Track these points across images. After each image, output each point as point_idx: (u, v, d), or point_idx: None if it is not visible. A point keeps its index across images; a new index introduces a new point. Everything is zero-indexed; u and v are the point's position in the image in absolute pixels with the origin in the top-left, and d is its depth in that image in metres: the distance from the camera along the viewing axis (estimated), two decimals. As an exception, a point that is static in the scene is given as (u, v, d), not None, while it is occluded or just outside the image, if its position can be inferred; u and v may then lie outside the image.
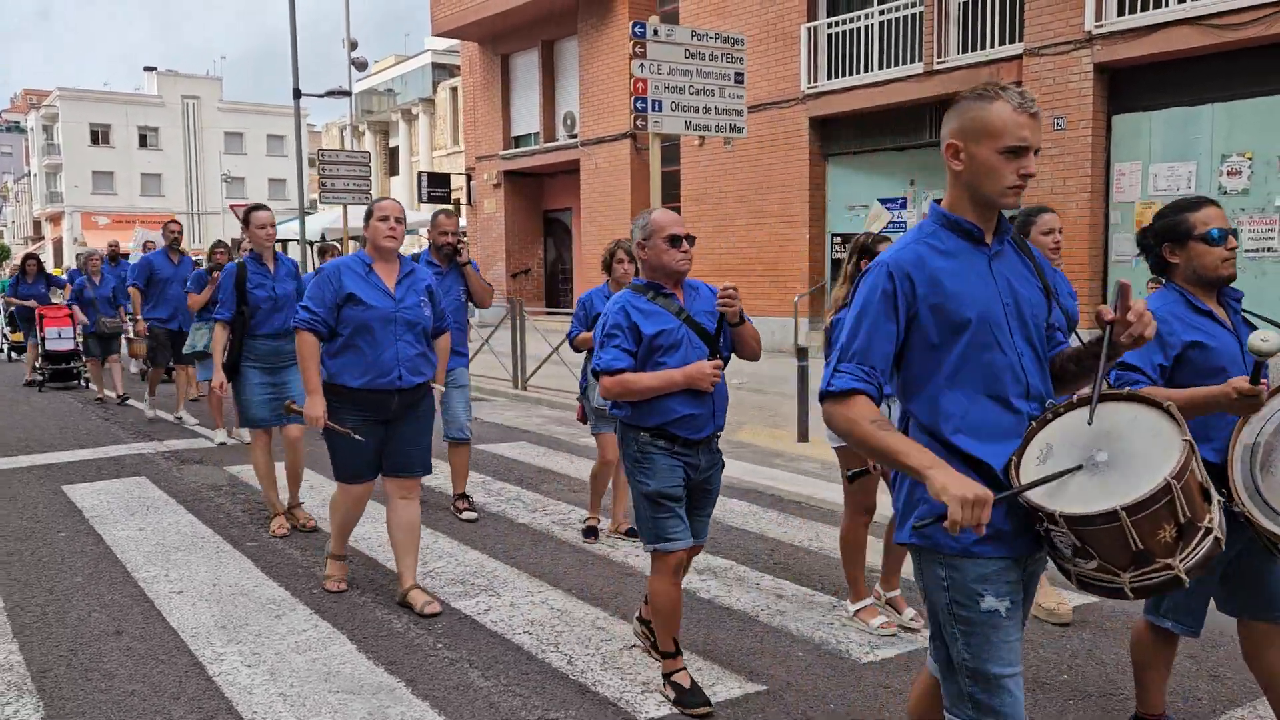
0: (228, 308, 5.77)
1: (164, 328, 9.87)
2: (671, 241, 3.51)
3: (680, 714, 3.46)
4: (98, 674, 3.85)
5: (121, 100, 57.26)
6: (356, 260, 4.47)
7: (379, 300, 4.36)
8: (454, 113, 34.61)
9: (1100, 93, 12.16)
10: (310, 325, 4.37)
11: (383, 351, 4.32)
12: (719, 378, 3.45)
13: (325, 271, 4.40)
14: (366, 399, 4.35)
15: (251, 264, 5.89)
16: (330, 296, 4.34)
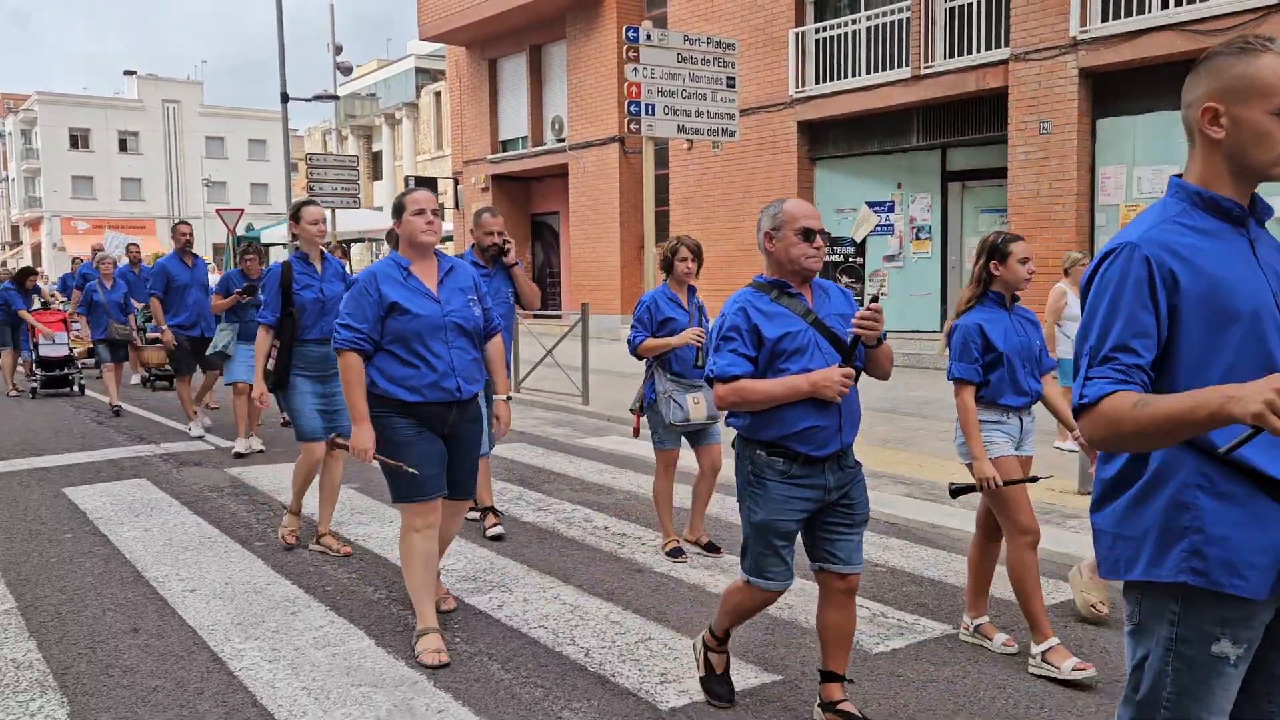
0: (272, 310, 5.36)
1: (186, 335, 9.35)
2: (804, 235, 3.15)
3: (703, 703, 3.53)
4: (119, 670, 3.88)
5: (101, 104, 56.89)
6: (391, 265, 4.01)
7: (424, 306, 3.92)
8: (438, 117, 34.62)
9: (1085, 97, 12.35)
10: (354, 344, 3.91)
11: (437, 361, 3.92)
12: (849, 388, 3.08)
13: (361, 282, 3.96)
14: (423, 413, 3.94)
15: (297, 263, 5.50)
16: (371, 310, 3.90)
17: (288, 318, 5.36)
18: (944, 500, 6.65)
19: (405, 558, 4.03)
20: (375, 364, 3.95)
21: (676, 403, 5.06)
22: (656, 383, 5.16)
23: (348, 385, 3.92)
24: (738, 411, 3.20)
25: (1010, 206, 12.98)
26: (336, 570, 5.15)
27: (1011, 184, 12.95)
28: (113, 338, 10.99)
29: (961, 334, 3.93)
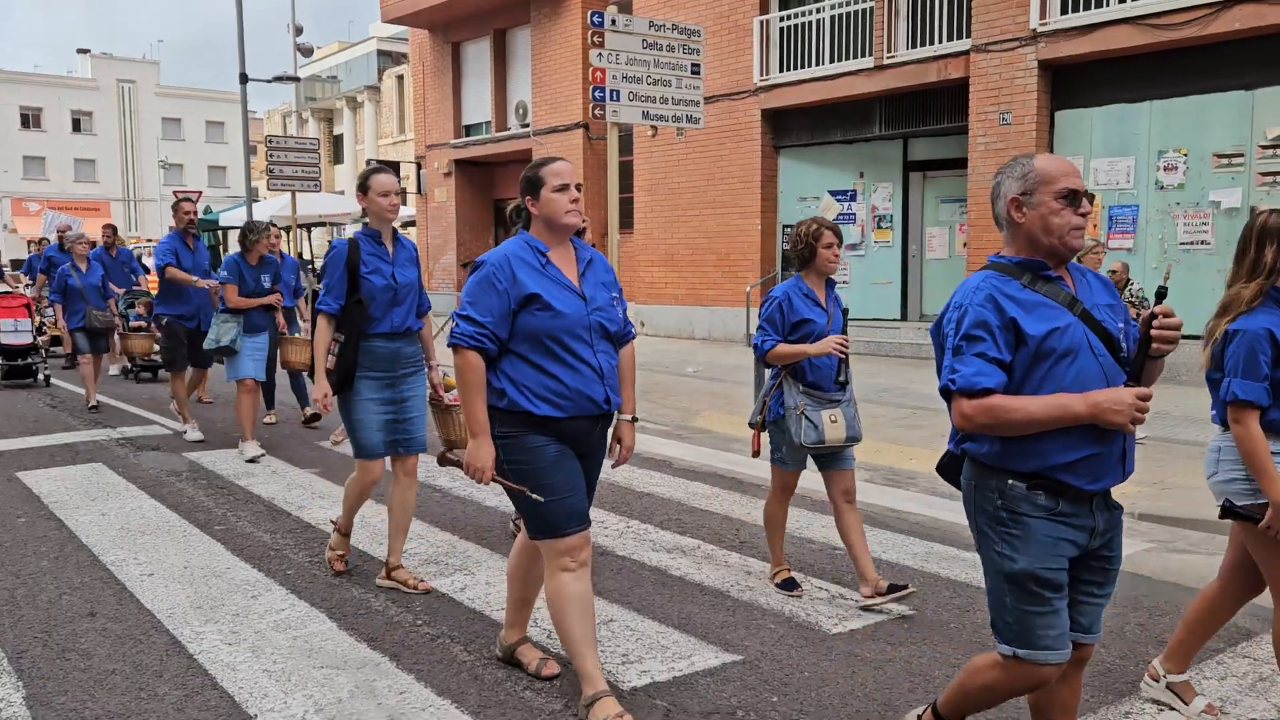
0: (336, 297, 4.46)
1: (184, 325, 8.25)
2: (1069, 199, 2.46)
3: (665, 683, 3.57)
4: (76, 654, 3.85)
5: (54, 83, 55.60)
6: (524, 247, 3.26)
7: (568, 302, 3.21)
8: (400, 101, 34.30)
9: (1044, 89, 12.51)
10: (477, 341, 3.15)
11: (581, 367, 3.21)
12: (1145, 412, 2.37)
13: (489, 266, 3.21)
14: (564, 430, 3.23)
15: (366, 243, 4.55)
16: (500, 301, 3.16)
17: (355, 306, 4.44)
18: (903, 484, 6.75)
19: (556, 605, 3.25)
20: (501, 370, 3.22)
21: (810, 421, 4.26)
22: (786, 396, 4.35)
23: (466, 389, 3.18)
24: (980, 436, 2.50)
25: (970, 196, 13.14)
26: (298, 554, 5.13)
27: (971, 174, 13.10)
28: (92, 325, 9.95)
29: (1247, 343, 3.01)
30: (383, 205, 4.51)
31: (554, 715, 3.31)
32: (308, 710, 3.35)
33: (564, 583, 3.22)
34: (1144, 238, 11.88)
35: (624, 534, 5.49)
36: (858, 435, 4.39)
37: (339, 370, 4.44)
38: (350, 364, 4.44)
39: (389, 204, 4.52)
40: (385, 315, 4.52)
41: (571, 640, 3.24)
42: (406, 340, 4.60)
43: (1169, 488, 6.46)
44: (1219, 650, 3.89)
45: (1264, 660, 3.80)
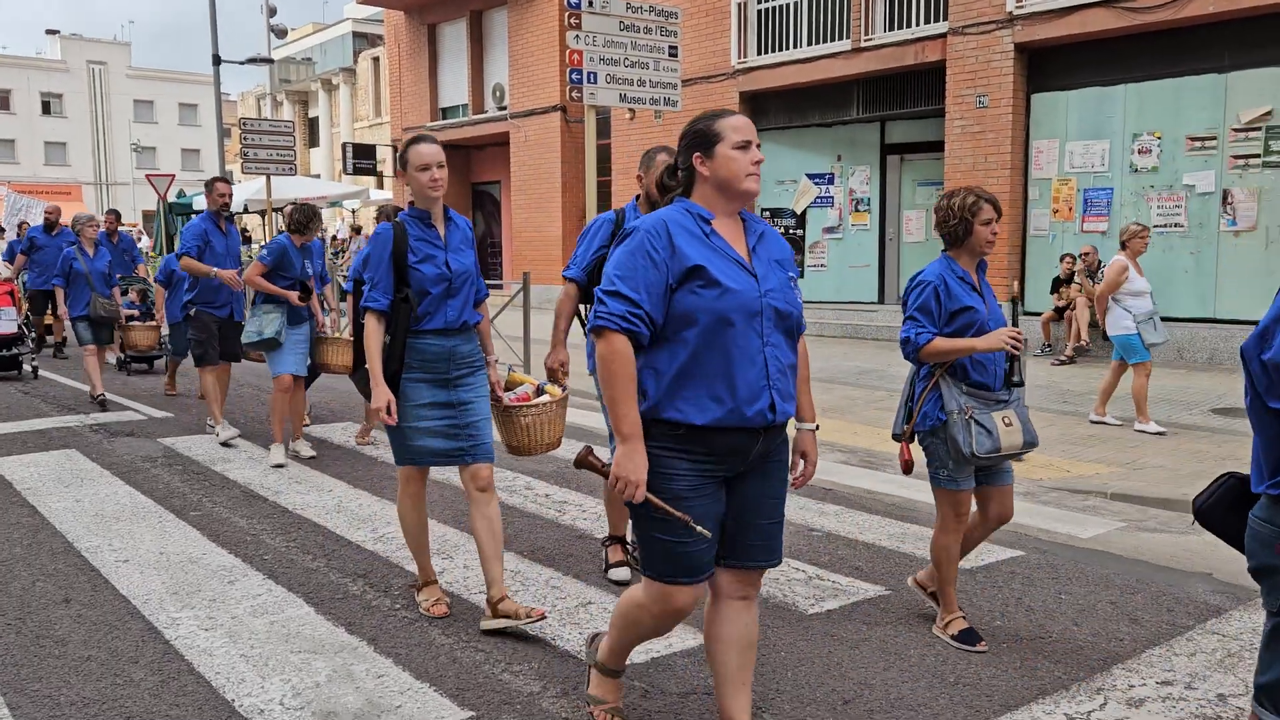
0: (384, 290, 3.84)
1: (215, 315, 7.45)
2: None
3: (642, 664, 3.59)
4: (50, 641, 3.82)
5: (23, 64, 54.71)
6: (682, 213, 2.66)
7: (738, 278, 2.60)
8: (376, 83, 34.00)
9: (1020, 72, 12.56)
10: (629, 323, 2.54)
11: (746, 365, 2.58)
12: None
13: (641, 232, 2.60)
14: (719, 444, 2.61)
15: (414, 226, 3.92)
16: (658, 275, 2.56)
17: (403, 302, 3.85)
18: (879, 466, 6.80)
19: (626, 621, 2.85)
20: (647, 362, 2.61)
21: (982, 426, 3.63)
22: (945, 398, 3.69)
23: (612, 383, 2.53)
24: None
25: (947, 179, 13.18)
26: (275, 540, 5.11)
27: (948, 157, 13.15)
28: (96, 314, 9.21)
29: None
30: (423, 181, 3.82)
31: (532, 697, 3.33)
32: (285, 695, 3.34)
33: (644, 625, 2.81)
34: (1118, 221, 11.97)
35: (603, 517, 5.50)
36: (1035, 440, 3.77)
37: (386, 374, 3.84)
38: (396, 365, 3.85)
39: (430, 179, 3.81)
40: (439, 309, 3.90)
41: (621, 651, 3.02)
42: (463, 337, 3.97)
43: (1139, 468, 6.54)
44: (1189, 627, 3.96)
45: (1233, 636, 3.86)
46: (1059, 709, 3.26)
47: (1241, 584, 4.43)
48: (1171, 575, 4.57)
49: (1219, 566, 4.68)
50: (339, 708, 3.25)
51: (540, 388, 4.35)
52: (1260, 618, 4.02)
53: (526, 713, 3.22)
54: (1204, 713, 3.22)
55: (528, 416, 4.19)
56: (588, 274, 4.29)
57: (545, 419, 4.23)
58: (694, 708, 3.25)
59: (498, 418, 4.23)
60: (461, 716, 3.19)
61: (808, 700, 3.33)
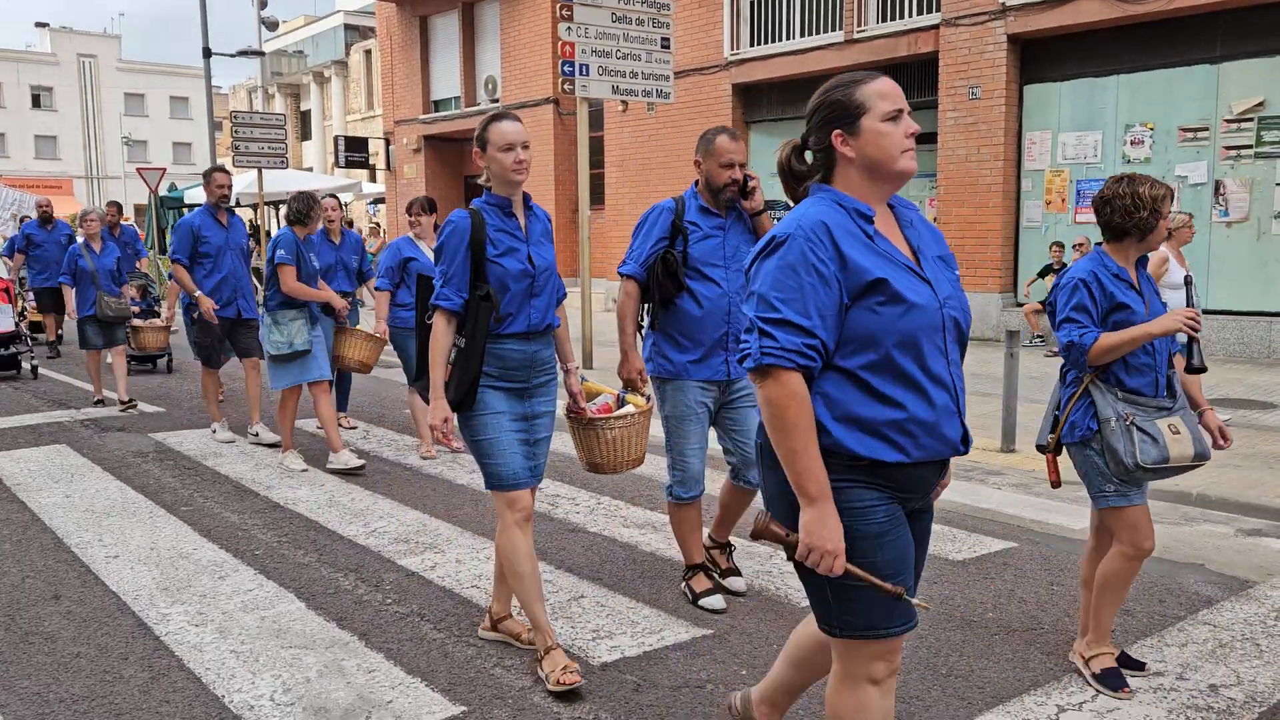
0: (458, 288, 3.35)
1: (220, 315, 7.08)
2: None
3: (634, 658, 3.58)
4: (39, 637, 3.80)
5: (12, 58, 54.42)
6: (836, 208, 2.14)
7: (917, 290, 2.13)
8: (368, 76, 33.86)
9: (1013, 63, 12.54)
10: (805, 358, 2.07)
11: (934, 391, 2.16)
12: None
13: (803, 239, 2.07)
14: (906, 479, 2.19)
15: (493, 215, 3.43)
16: (829, 293, 2.07)
17: (483, 301, 3.35)
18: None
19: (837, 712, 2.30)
20: (816, 394, 2.14)
21: (1145, 433, 3.20)
22: (1099, 405, 3.27)
23: (791, 433, 2.06)
24: None
25: (940, 171, 13.18)
26: (266, 534, 5.09)
27: (941, 148, 13.14)
28: (104, 314, 8.61)
29: None
30: (506, 164, 3.35)
31: (524, 691, 3.32)
32: (275, 690, 3.33)
33: (869, 700, 2.25)
34: (1111, 212, 11.98)
35: (595, 510, 5.50)
36: (1206, 452, 3.29)
37: (459, 383, 3.36)
38: (474, 375, 3.35)
39: (514, 161, 3.35)
40: (521, 310, 3.43)
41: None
42: (544, 341, 3.52)
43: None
44: (1180, 617, 3.96)
45: (1224, 627, 3.86)
46: (1050, 700, 3.26)
47: (1234, 575, 4.44)
48: (1163, 566, 4.57)
49: (1211, 557, 4.69)
50: (330, 703, 3.24)
51: (621, 398, 3.98)
52: (1252, 608, 4.03)
53: (518, 707, 3.21)
54: (1195, 703, 3.23)
55: (614, 430, 3.80)
56: (647, 270, 3.94)
57: (632, 433, 3.86)
58: (686, 700, 3.25)
59: (577, 432, 3.87)
60: (453, 711, 3.18)
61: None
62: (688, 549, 4.21)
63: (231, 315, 7.13)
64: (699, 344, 3.89)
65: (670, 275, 3.86)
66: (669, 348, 3.95)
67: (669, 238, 3.91)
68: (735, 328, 3.87)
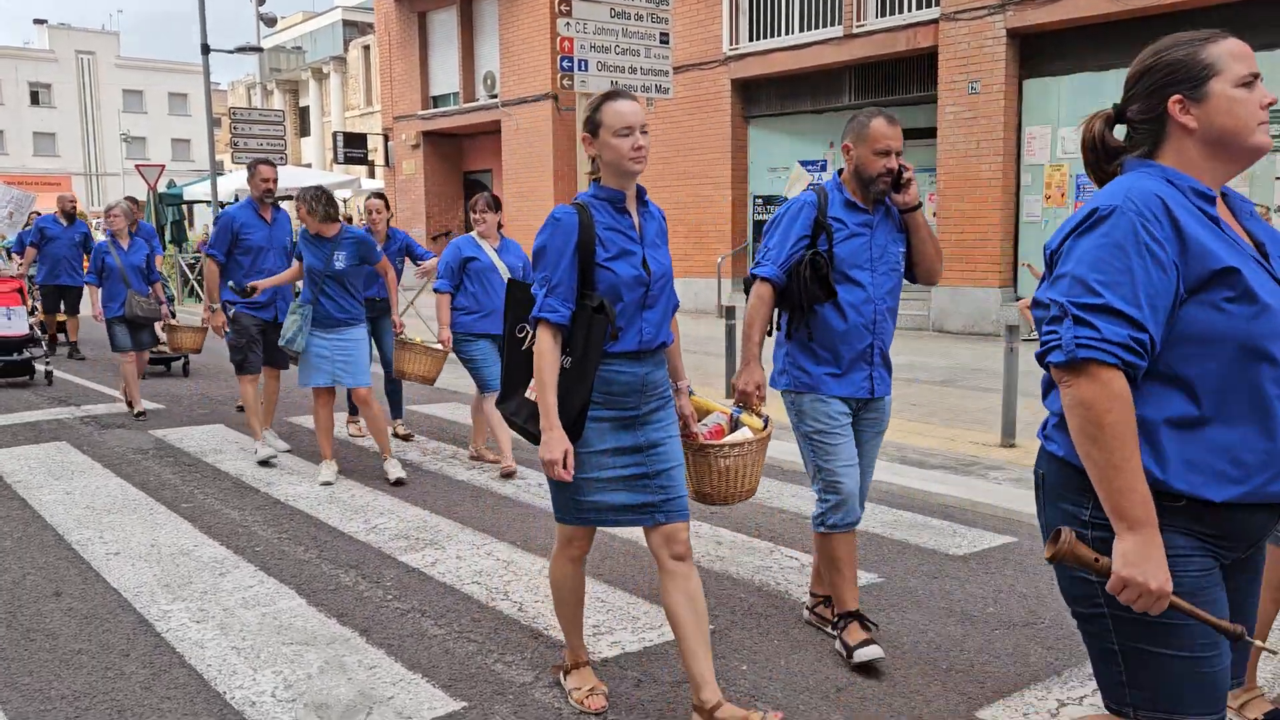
0: (564, 297, 2.83)
1: (256, 317, 6.64)
2: None
3: (635, 654, 3.59)
4: (41, 634, 3.80)
5: (10, 55, 54.37)
6: (1167, 185, 1.82)
7: (1271, 290, 1.78)
8: (367, 72, 33.82)
9: (1013, 58, 12.53)
10: (1133, 356, 1.74)
11: None
12: None
13: (1134, 212, 1.75)
14: (1234, 528, 1.82)
15: (603, 211, 2.92)
16: (1165, 280, 1.74)
17: (596, 315, 2.81)
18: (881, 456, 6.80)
19: None
20: None
21: None
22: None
23: (1112, 444, 1.71)
24: None
25: (939, 166, 13.17)
26: (266, 531, 5.10)
27: (941, 143, 13.13)
28: (134, 315, 8.08)
29: None
30: (623, 150, 2.83)
31: (524, 688, 3.32)
32: (277, 687, 3.34)
33: None
34: (1111, 206, 11.99)
35: (595, 506, 5.50)
36: None
37: (564, 410, 2.84)
38: (583, 401, 2.85)
39: (633, 148, 2.83)
40: (632, 324, 2.91)
41: None
42: (655, 361, 2.99)
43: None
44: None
45: None
46: (1051, 695, 3.26)
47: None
48: (1163, 560, 4.57)
49: (1211, 551, 4.69)
50: (331, 699, 3.24)
51: (735, 418, 3.45)
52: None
53: (519, 703, 3.21)
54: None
55: (728, 458, 3.26)
56: (788, 273, 3.43)
57: (748, 461, 3.33)
58: (686, 696, 3.25)
59: (686, 458, 3.31)
60: (454, 707, 3.19)
61: (800, 688, 3.33)
62: (840, 592, 3.57)
63: (269, 318, 6.69)
64: (840, 356, 3.43)
65: (820, 280, 3.36)
66: (806, 359, 3.48)
67: (810, 236, 3.42)
68: (881, 339, 3.47)
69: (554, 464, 2.79)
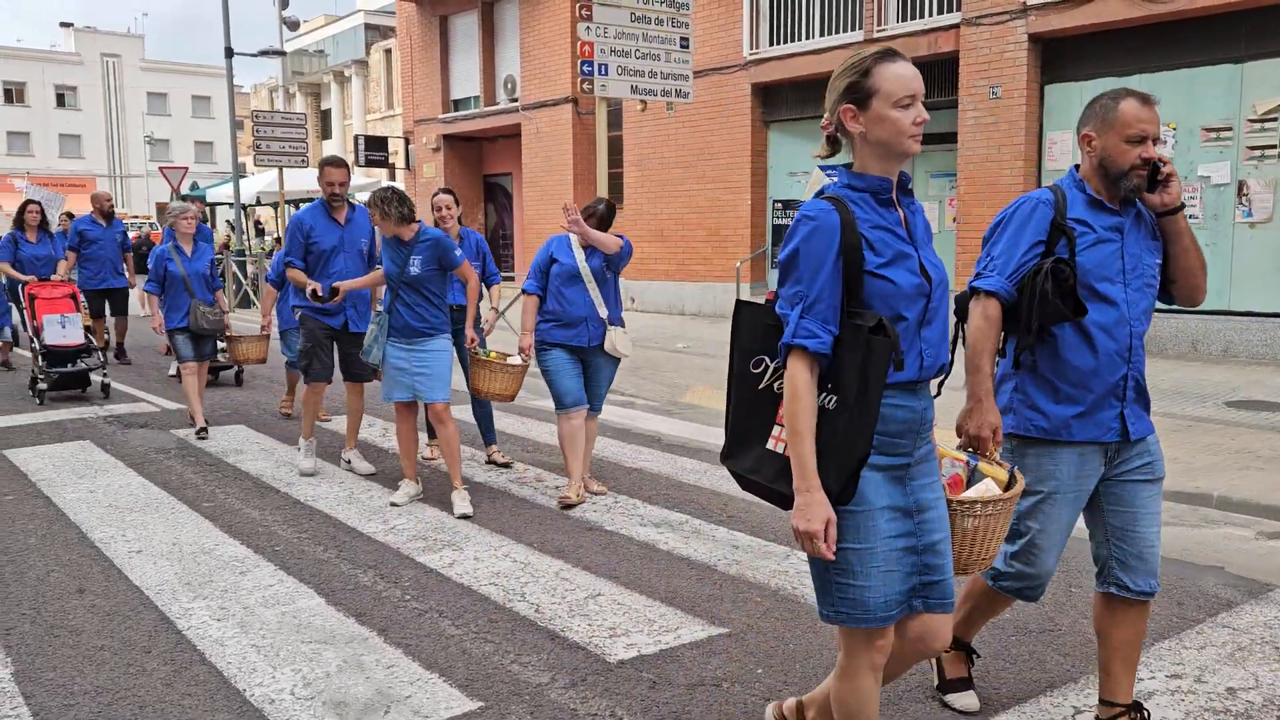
0: (825, 315, 2.24)
1: (324, 323, 6.28)
2: None
3: (652, 656, 3.60)
4: (64, 631, 3.86)
5: (37, 57, 55.02)
6: None
7: None
8: (388, 75, 34.00)
9: (1034, 63, 12.47)
10: None
11: None
12: None
13: None
14: None
15: (864, 204, 2.32)
16: None
17: (874, 336, 2.22)
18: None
19: None
20: None
21: None
22: None
23: None
24: None
25: (960, 171, 13.12)
26: (286, 531, 5.14)
27: (961, 149, 13.08)
28: (198, 326, 7.52)
29: None
30: (902, 126, 2.26)
31: (540, 688, 3.34)
32: (296, 685, 3.37)
33: None
34: (1132, 212, 11.91)
35: (612, 509, 5.52)
36: None
37: (839, 465, 2.21)
38: (863, 452, 2.21)
39: (914, 121, 2.26)
40: (913, 346, 2.33)
41: None
42: (927, 393, 2.40)
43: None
44: (1199, 620, 3.94)
45: (1243, 630, 3.84)
46: (1067, 701, 3.25)
47: (1253, 578, 4.41)
48: (1182, 568, 4.55)
49: (1230, 560, 4.66)
50: (349, 698, 3.27)
51: (972, 467, 2.74)
52: (1272, 611, 4.01)
53: (535, 703, 3.23)
54: (1213, 706, 3.21)
55: (975, 518, 2.55)
56: (1018, 286, 2.79)
57: (996, 523, 2.59)
58: (702, 699, 3.26)
59: (960, 523, 2.62)
60: (470, 707, 3.21)
61: (816, 692, 3.33)
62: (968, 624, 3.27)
63: (337, 326, 6.28)
64: (1086, 390, 2.79)
65: (1066, 295, 2.72)
66: (1042, 396, 2.84)
67: (1047, 241, 2.79)
68: (1136, 369, 2.83)
69: (813, 537, 2.19)
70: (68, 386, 9.24)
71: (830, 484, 2.21)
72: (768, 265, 16.28)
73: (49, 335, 8.91)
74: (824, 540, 2.19)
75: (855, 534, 2.27)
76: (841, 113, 2.33)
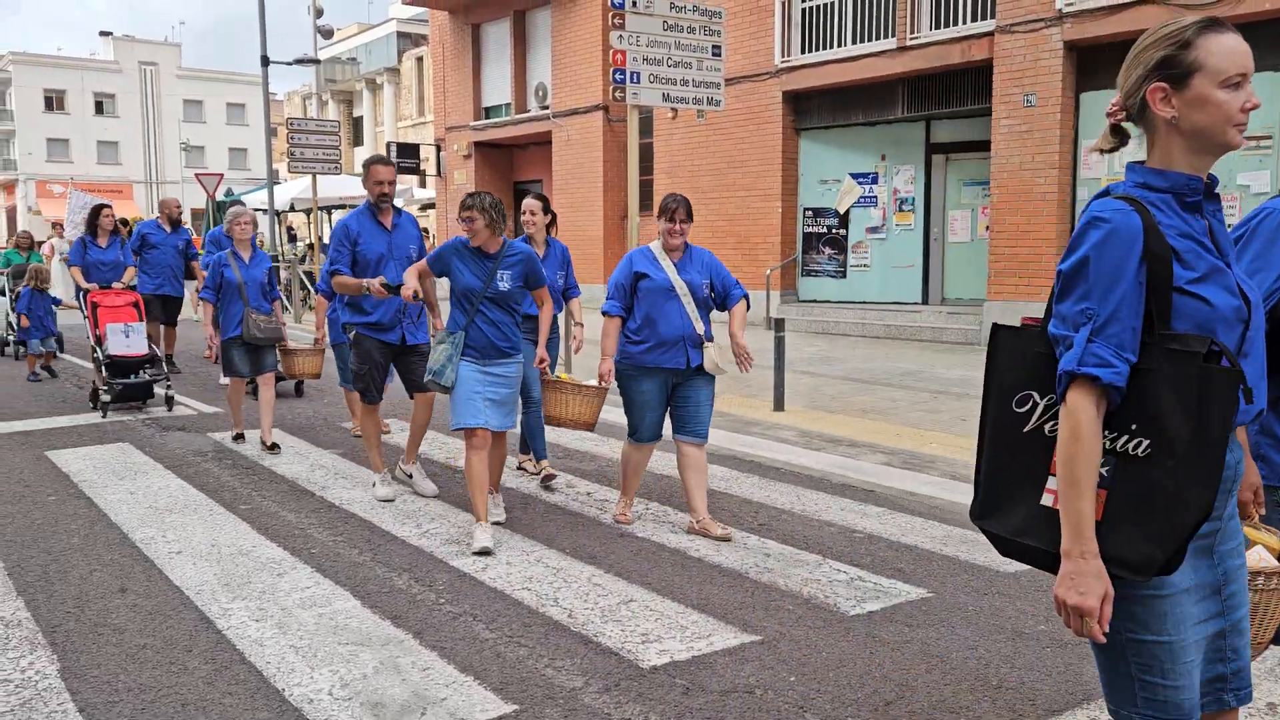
0: (1120, 341, 1.76)
1: (378, 340, 5.87)
2: None
3: (685, 662, 3.61)
4: (108, 629, 3.93)
5: (77, 65, 56.00)
6: None
7: None
8: (420, 83, 34.31)
9: (1069, 70, 12.40)
10: None
11: None
12: None
13: None
14: None
15: (1167, 208, 1.87)
16: None
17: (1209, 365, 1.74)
18: (922, 468, 6.76)
19: None
20: None
21: None
22: None
23: None
24: None
25: (993, 180, 13.06)
26: (322, 534, 5.20)
27: (995, 157, 13.02)
28: (252, 336, 7.16)
29: None
30: (1230, 111, 1.84)
31: (574, 693, 3.36)
32: (333, 685, 3.41)
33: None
34: (1168, 221, 11.79)
35: (644, 515, 5.54)
36: None
37: (1165, 529, 1.74)
38: (1200, 515, 1.74)
39: (1243, 109, 1.86)
40: None
41: None
42: (1237, 442, 1.91)
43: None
44: (1238, 635, 3.90)
45: (1283, 645, 3.80)
46: (1103, 714, 3.23)
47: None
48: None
49: (1270, 574, 4.60)
50: (386, 699, 3.31)
51: None
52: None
53: (569, 708, 3.26)
54: (1253, 721, 3.18)
55: (1257, 594, 2.13)
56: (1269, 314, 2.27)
57: (1274, 600, 2.15)
58: (735, 706, 3.27)
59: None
60: (505, 710, 3.24)
61: (849, 701, 3.33)
62: None
63: (394, 340, 5.89)
64: None
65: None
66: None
67: None
68: None
69: (1085, 614, 1.76)
70: (132, 398, 8.75)
71: (1153, 552, 1.74)
72: (798, 273, 16.26)
73: (112, 345, 8.53)
74: (1096, 619, 1.76)
75: (1161, 622, 1.82)
76: (1149, 93, 1.89)
